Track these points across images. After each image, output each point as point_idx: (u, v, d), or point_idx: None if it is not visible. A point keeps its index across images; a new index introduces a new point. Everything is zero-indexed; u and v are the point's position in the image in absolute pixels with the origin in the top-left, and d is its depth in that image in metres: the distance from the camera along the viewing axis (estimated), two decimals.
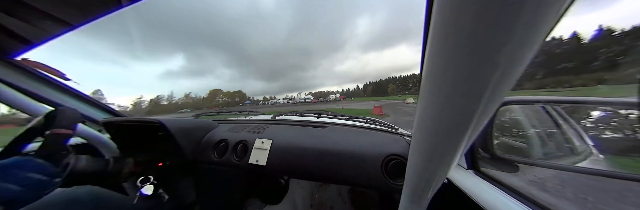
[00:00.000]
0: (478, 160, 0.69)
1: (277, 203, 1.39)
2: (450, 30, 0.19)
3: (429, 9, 0.35)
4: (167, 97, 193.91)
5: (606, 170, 0.66)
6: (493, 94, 0.21)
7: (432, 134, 0.31)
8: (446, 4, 0.18)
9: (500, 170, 0.67)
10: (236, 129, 1.15)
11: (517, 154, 0.79)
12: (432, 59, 0.23)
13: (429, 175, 0.40)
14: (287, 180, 1.43)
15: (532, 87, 4.29)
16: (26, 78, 0.92)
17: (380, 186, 0.76)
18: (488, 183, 0.59)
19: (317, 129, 1.08)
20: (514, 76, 0.20)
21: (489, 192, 0.54)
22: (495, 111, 0.57)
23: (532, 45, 0.18)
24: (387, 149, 0.82)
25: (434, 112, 0.27)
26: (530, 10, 0.15)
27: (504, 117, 0.82)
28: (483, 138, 0.71)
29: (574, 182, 0.63)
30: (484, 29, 0.17)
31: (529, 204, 0.47)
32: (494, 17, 0.16)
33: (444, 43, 0.20)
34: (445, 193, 0.58)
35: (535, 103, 0.86)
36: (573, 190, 0.60)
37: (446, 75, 0.22)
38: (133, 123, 1.04)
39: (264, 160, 0.91)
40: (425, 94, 0.27)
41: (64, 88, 1.04)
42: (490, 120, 0.70)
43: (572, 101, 0.82)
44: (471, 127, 0.26)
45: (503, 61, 0.18)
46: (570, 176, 0.66)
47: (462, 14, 0.17)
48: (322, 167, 0.84)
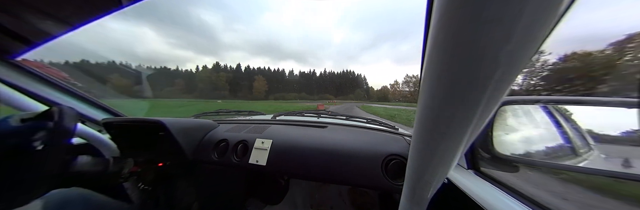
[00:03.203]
0: (478, 160, 0.69)
1: (277, 203, 1.39)
2: (450, 31, 0.19)
3: (429, 9, 0.35)
4: None
5: (607, 170, 0.66)
6: (493, 94, 0.21)
7: (432, 134, 0.31)
8: (446, 4, 0.18)
9: (500, 170, 0.67)
10: (236, 129, 1.15)
11: (517, 154, 0.79)
12: (432, 59, 0.23)
13: (429, 175, 0.40)
14: (287, 180, 1.43)
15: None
16: (26, 78, 0.92)
17: (380, 186, 0.76)
18: (488, 183, 0.59)
19: (317, 129, 1.08)
20: (514, 76, 0.20)
21: (489, 192, 0.54)
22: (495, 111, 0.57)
23: (532, 45, 0.18)
24: (387, 149, 0.82)
25: (434, 112, 0.27)
26: (530, 10, 0.15)
27: (504, 117, 0.82)
28: (483, 138, 0.71)
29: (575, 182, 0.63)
30: (483, 29, 0.17)
31: (529, 204, 0.47)
32: (494, 17, 0.16)
33: (444, 43, 0.20)
34: (445, 193, 0.58)
35: (535, 103, 0.86)
36: (573, 190, 0.60)
37: (446, 75, 0.22)
38: (133, 123, 1.04)
39: (264, 160, 0.91)
40: (425, 94, 0.27)
41: (64, 88, 1.04)
42: (490, 120, 0.70)
43: (573, 101, 0.82)
44: (471, 127, 0.26)
45: (503, 61, 0.18)
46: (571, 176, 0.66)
47: (462, 14, 0.17)
48: (322, 167, 0.84)
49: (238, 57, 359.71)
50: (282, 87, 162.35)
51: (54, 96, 1.00)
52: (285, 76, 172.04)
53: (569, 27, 0.24)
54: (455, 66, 0.21)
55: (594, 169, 0.67)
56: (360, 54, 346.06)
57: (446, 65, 0.21)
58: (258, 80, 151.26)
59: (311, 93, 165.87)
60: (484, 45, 0.18)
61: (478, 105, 0.22)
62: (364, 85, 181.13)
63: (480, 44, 0.18)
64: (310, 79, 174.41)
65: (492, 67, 0.19)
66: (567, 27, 0.22)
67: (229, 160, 0.99)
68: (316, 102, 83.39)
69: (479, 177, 0.64)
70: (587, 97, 0.77)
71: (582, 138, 0.87)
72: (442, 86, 0.24)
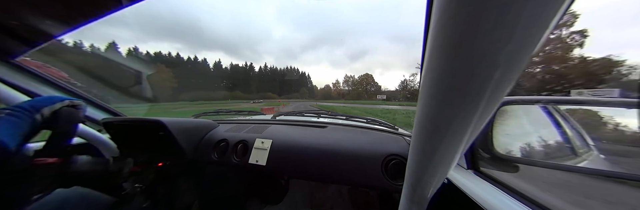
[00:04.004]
0: (478, 160, 0.69)
1: (277, 203, 1.39)
2: (450, 31, 0.19)
3: (429, 9, 0.35)
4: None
5: (607, 170, 0.66)
6: (493, 94, 0.21)
7: (432, 134, 0.31)
8: (446, 4, 0.18)
9: (500, 170, 0.67)
10: (236, 129, 1.15)
11: (517, 154, 0.79)
12: (432, 59, 0.23)
13: (429, 175, 0.40)
14: (287, 180, 1.43)
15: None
16: (26, 78, 0.92)
17: (380, 186, 0.76)
18: (488, 183, 0.59)
19: (317, 129, 1.08)
20: (514, 76, 0.20)
21: (489, 192, 0.54)
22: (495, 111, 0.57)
23: (532, 45, 0.18)
24: (387, 149, 0.82)
25: (434, 112, 0.27)
26: (530, 10, 0.15)
27: (504, 117, 0.82)
28: (483, 138, 0.71)
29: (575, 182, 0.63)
30: (483, 29, 0.17)
31: (529, 204, 0.47)
32: (494, 17, 0.16)
33: (444, 43, 0.20)
34: (445, 193, 0.58)
35: (535, 103, 0.86)
36: (573, 190, 0.60)
37: (446, 75, 0.22)
38: (133, 123, 1.04)
39: (264, 160, 0.92)
40: (425, 94, 0.27)
41: (63, 88, 1.04)
42: (490, 120, 0.70)
43: (573, 101, 0.82)
44: (471, 127, 0.26)
45: (503, 61, 0.18)
46: (571, 176, 0.66)
47: (462, 14, 0.17)
48: (322, 167, 0.84)
49: (129, 39, 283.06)
50: (205, 83, 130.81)
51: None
52: (210, 69, 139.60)
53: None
54: (455, 66, 0.21)
55: (593, 169, 0.67)
56: (302, 53, 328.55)
57: (446, 65, 0.21)
58: (159, 71, 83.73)
59: (249, 92, 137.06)
60: (484, 45, 0.18)
61: (478, 105, 0.22)
62: (308, 84, 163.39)
63: (480, 44, 0.18)
64: (246, 74, 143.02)
65: (492, 67, 0.19)
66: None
67: (229, 160, 0.99)
68: (256, 103, 62.51)
69: (478, 177, 0.64)
70: (587, 97, 0.77)
71: (582, 138, 0.87)
72: (442, 86, 0.24)
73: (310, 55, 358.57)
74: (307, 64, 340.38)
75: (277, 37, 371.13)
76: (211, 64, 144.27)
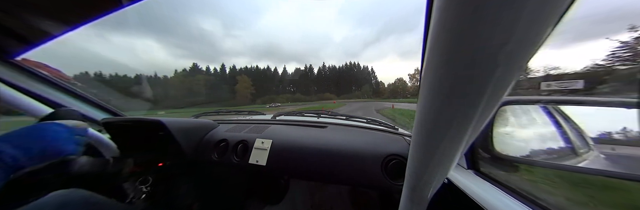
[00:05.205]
0: (478, 160, 0.69)
1: (277, 203, 1.39)
2: (450, 30, 0.19)
3: (429, 9, 0.35)
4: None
5: (607, 170, 0.66)
6: (493, 94, 0.21)
7: (432, 134, 0.31)
8: (446, 4, 0.18)
9: (500, 170, 0.67)
10: (236, 129, 1.15)
11: (517, 154, 0.79)
12: (432, 59, 0.23)
13: (429, 175, 0.40)
14: (287, 180, 1.43)
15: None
16: (26, 78, 0.92)
17: (380, 186, 0.76)
18: (488, 183, 0.59)
19: (317, 129, 1.08)
20: (514, 76, 0.20)
21: (489, 192, 0.54)
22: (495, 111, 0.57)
23: (532, 45, 0.18)
24: (387, 149, 0.82)
25: (434, 112, 0.27)
26: (530, 10, 0.15)
27: (504, 117, 0.82)
28: (483, 138, 0.71)
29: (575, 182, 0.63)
30: (484, 28, 0.17)
31: (529, 204, 0.47)
32: (494, 17, 0.16)
33: (443, 43, 0.20)
34: (445, 193, 0.58)
35: (535, 103, 0.86)
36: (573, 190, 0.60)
37: (446, 75, 0.22)
38: (133, 123, 1.04)
39: (264, 160, 0.92)
40: (425, 94, 0.27)
41: (63, 88, 1.04)
42: (490, 120, 0.70)
43: (573, 101, 0.82)
44: (471, 127, 0.26)
45: (503, 61, 0.18)
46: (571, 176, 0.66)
47: (462, 14, 0.17)
48: (322, 167, 0.84)
49: (243, 63, 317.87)
50: (273, 87, 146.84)
51: (53, 96, 1.00)
52: (278, 75, 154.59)
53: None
54: (455, 66, 0.21)
55: (593, 169, 0.67)
56: (364, 49, 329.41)
57: (446, 65, 0.21)
58: (242, 81, 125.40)
59: (307, 93, 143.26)
60: (484, 45, 0.18)
61: (478, 105, 0.22)
62: (372, 80, 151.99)
63: (480, 43, 0.18)
64: (306, 77, 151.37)
65: (492, 67, 0.19)
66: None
67: (229, 160, 0.99)
68: (312, 103, 70.65)
69: (478, 177, 0.64)
70: (587, 97, 0.77)
71: (582, 138, 0.87)
72: (442, 86, 0.24)
73: (373, 51, 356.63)
74: (370, 60, 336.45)
75: (337, 40, 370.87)
76: (280, 71, 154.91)
